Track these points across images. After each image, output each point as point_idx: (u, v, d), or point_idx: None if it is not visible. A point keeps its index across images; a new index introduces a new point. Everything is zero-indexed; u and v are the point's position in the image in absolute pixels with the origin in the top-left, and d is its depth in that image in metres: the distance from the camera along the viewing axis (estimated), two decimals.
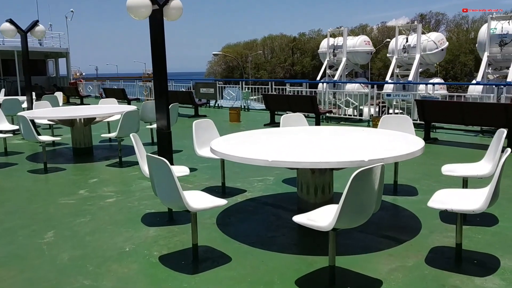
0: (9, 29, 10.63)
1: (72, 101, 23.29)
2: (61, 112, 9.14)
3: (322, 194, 4.82)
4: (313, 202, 4.80)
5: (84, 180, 7.06)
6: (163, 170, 3.65)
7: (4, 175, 7.69)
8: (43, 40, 31.70)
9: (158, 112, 7.04)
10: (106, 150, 9.49)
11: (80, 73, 71.80)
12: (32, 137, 7.42)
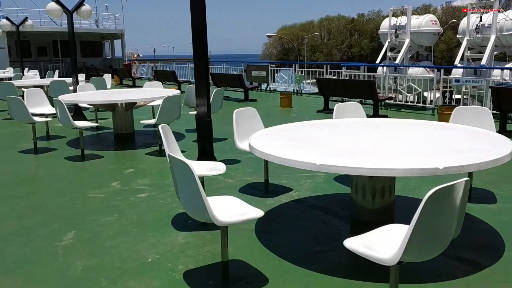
0: (55, 9, 10.35)
1: (125, 83, 23.32)
2: (101, 96, 8.75)
3: (381, 198, 4.02)
4: (370, 208, 4.02)
5: (119, 170, 6.59)
6: (185, 174, 2.99)
7: (41, 162, 7.39)
8: (99, 22, 32.16)
9: (198, 98, 6.42)
10: (149, 136, 9.05)
11: (137, 54, 73.05)
12: (68, 122, 7.03)
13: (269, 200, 5.12)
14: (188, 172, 2.93)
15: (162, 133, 4.21)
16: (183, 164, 2.95)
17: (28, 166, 7.01)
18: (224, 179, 5.94)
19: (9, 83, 11.89)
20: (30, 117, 7.55)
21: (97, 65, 30.22)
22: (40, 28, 28.38)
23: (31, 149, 7.93)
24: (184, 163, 2.94)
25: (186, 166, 2.93)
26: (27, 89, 9.15)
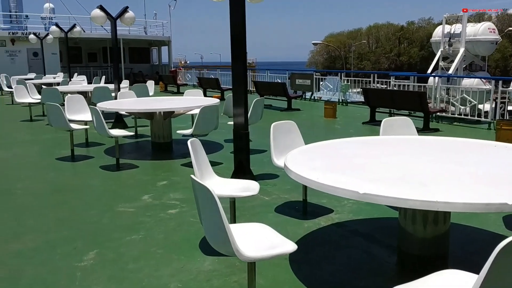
0: (99, 15, 10.35)
1: (170, 90, 23.46)
2: (139, 104, 8.59)
3: (434, 226, 3.52)
4: (421, 237, 3.53)
5: (152, 182, 6.34)
6: (206, 200, 2.63)
7: (76, 170, 7.28)
8: (148, 29, 32.72)
9: (235, 107, 6.10)
10: (186, 146, 8.78)
11: (184, 61, 74.30)
12: (103, 131, 6.87)
13: (307, 222, 4.70)
14: (209, 198, 2.58)
15: (191, 148, 3.89)
16: (205, 189, 2.60)
17: (63, 175, 6.89)
18: (260, 195, 5.55)
19: (53, 88, 12.04)
20: (68, 124, 7.47)
21: (144, 71, 30.70)
22: (91, 35, 29.18)
23: (69, 156, 7.85)
24: (206, 188, 2.58)
25: (207, 191, 2.57)
26: (68, 95, 9.14)
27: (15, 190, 6.02)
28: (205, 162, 4.19)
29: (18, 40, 26.28)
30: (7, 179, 6.60)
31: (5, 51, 26.31)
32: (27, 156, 8.30)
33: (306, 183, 3.15)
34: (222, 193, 3.87)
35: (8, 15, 28.72)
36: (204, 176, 4.07)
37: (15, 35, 26.32)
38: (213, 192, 2.54)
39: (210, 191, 2.55)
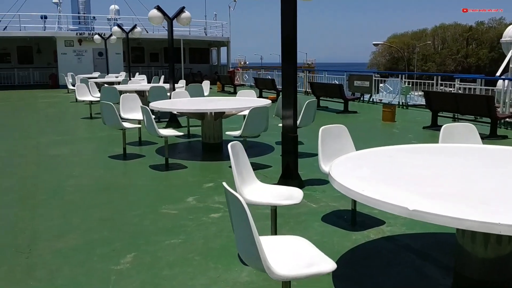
0: (156, 16, 10.47)
1: (227, 90, 23.56)
2: (191, 104, 8.55)
3: (497, 246, 3.12)
4: (481, 258, 3.15)
5: (199, 184, 6.24)
6: (237, 211, 2.43)
7: (126, 169, 7.33)
8: (208, 30, 33.14)
9: (284, 108, 5.88)
10: None
11: (244, 62, 74.81)
12: (153, 130, 6.87)
13: (355, 234, 4.39)
14: (239, 208, 2.37)
15: (231, 152, 3.70)
16: (235, 198, 2.39)
17: (113, 173, 6.96)
18: (307, 202, 5.31)
19: (112, 87, 12.34)
20: (120, 123, 7.55)
21: (203, 72, 31.12)
22: (153, 35, 29.94)
23: (121, 154, 7.94)
24: (235, 197, 2.38)
25: (237, 200, 2.37)
26: (123, 94, 9.28)
27: (66, 187, 6.12)
28: (246, 166, 3.99)
29: (85, 41, 27.43)
30: (61, 175, 6.74)
31: (73, 50, 27.54)
32: (82, 153, 8.50)
33: (349, 195, 2.87)
34: (261, 200, 3.66)
35: (76, 17, 30.08)
36: (245, 182, 3.88)
37: (82, 35, 27.49)
38: (243, 202, 2.33)
39: (239, 201, 2.35)
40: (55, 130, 11.32)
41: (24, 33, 27.51)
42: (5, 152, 8.57)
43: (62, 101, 18.75)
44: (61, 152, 8.43)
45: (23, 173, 6.89)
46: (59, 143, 9.36)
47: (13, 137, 10.21)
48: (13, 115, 14.62)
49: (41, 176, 6.77)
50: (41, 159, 7.98)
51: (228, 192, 2.51)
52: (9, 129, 11.73)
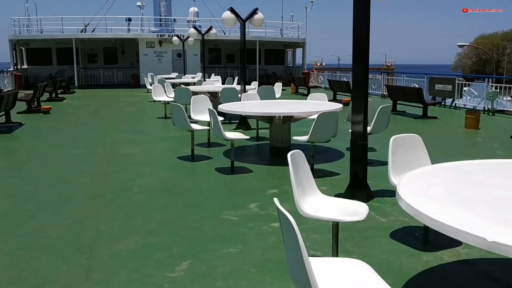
0: (229, 17, 10.48)
1: (300, 92, 23.31)
2: (259, 107, 8.42)
3: None
4: None
5: (263, 189, 6.09)
6: (287, 231, 2.22)
7: (192, 171, 7.35)
8: (283, 31, 33.06)
9: (354, 113, 5.56)
10: (306, 152, 8.33)
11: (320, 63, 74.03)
12: (219, 133, 6.82)
13: (427, 255, 4.00)
14: (290, 229, 2.16)
15: (291, 161, 3.49)
16: (284, 217, 2.19)
17: (179, 175, 6.99)
18: (376, 215, 4.97)
19: (185, 88, 12.57)
20: (189, 124, 7.59)
21: (278, 73, 31.09)
22: (229, 37, 30.37)
23: (189, 156, 7.99)
24: (287, 218, 2.17)
25: (288, 222, 2.16)
26: (193, 96, 9.37)
27: (133, 187, 6.22)
28: (308, 176, 3.75)
29: (164, 42, 28.41)
30: (130, 175, 6.88)
31: (154, 52, 28.64)
32: (153, 152, 8.68)
33: (418, 217, 2.55)
34: (322, 215, 3.41)
35: (158, 19, 31.26)
36: (305, 193, 3.65)
37: (162, 37, 28.50)
38: (293, 223, 2.12)
39: (290, 222, 2.14)
40: (131, 129, 11.72)
41: (110, 35, 29.05)
42: (84, 149, 8.95)
43: (141, 100, 19.50)
44: (133, 151, 8.66)
45: (96, 171, 7.12)
46: (133, 142, 9.64)
47: (92, 135, 10.68)
48: (95, 114, 15.40)
49: (112, 175, 6.96)
50: (114, 157, 8.24)
51: (279, 210, 2.31)
52: (90, 127, 12.33)
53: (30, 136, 10.95)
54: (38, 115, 14.50)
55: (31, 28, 29.71)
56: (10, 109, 12.32)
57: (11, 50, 27.16)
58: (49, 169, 7.36)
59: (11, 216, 5.11)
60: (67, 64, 28.69)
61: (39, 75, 29.52)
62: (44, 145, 9.69)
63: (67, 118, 14.36)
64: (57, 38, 28.54)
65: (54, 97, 20.28)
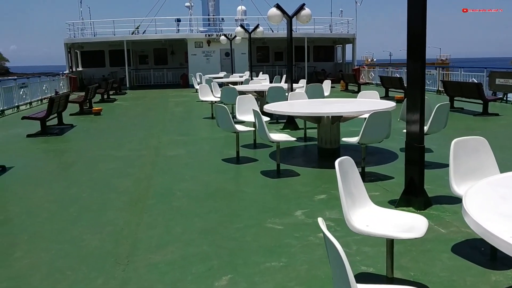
0: (275, 14, 10.17)
1: (350, 89, 22.65)
2: (306, 107, 8.06)
3: None
4: None
5: (310, 195, 5.74)
6: (333, 255, 1.90)
7: (236, 173, 7.11)
8: (333, 27, 32.36)
9: (409, 112, 5.12)
10: (357, 154, 7.89)
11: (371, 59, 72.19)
12: (264, 134, 6.53)
13: (495, 274, 3.53)
14: (336, 255, 1.83)
15: (339, 170, 3.15)
16: (332, 246, 1.86)
17: (223, 178, 6.76)
18: (434, 226, 4.52)
19: (232, 88, 12.38)
20: (233, 126, 7.35)
21: (328, 70, 30.46)
22: (277, 35, 30.04)
23: (234, 158, 7.77)
24: (334, 246, 1.84)
25: (335, 249, 1.83)
26: (239, 96, 9.14)
27: (175, 191, 6.05)
28: (358, 185, 3.39)
29: (213, 42, 28.49)
30: (173, 178, 6.73)
31: (202, 51, 28.80)
32: (197, 154, 8.52)
33: (490, 240, 2.15)
34: (375, 230, 3.05)
35: (206, 19, 31.42)
36: (355, 204, 3.30)
37: (210, 36, 28.59)
38: (340, 251, 1.79)
39: (337, 250, 1.81)
40: (177, 130, 11.67)
41: (159, 36, 29.47)
42: (129, 151, 8.93)
43: (189, 100, 19.56)
44: (178, 153, 8.54)
45: (139, 174, 7.02)
46: (178, 143, 9.54)
47: (139, 137, 10.70)
48: (143, 114, 15.55)
49: (155, 178, 6.84)
50: (159, 159, 8.14)
51: (325, 236, 1.99)
52: (137, 128, 12.40)
53: (79, 137, 11.12)
54: (89, 116, 14.79)
55: (85, 31, 30.66)
56: (62, 111, 12.60)
57: (66, 53, 28.11)
58: (94, 172, 7.34)
59: (54, 222, 5.05)
60: (120, 65, 29.37)
61: (93, 77, 30.44)
62: (91, 146, 9.77)
63: (116, 119, 14.56)
64: (109, 41, 29.28)
65: (106, 98, 20.75)
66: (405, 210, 5.06)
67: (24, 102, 18.13)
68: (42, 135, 10.96)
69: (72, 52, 29.88)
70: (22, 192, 6.37)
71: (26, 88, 18.63)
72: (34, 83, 19.82)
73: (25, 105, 18.06)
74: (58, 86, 23.64)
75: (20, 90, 18.00)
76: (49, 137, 10.78)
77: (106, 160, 8.15)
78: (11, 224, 5.04)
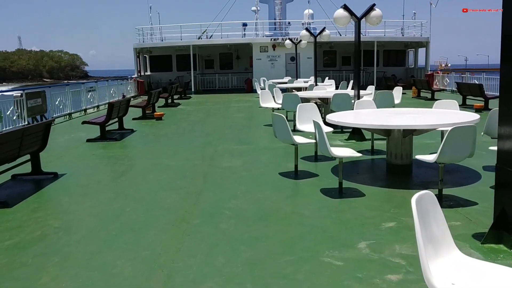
0: (343, 16, 9.40)
1: (423, 95, 21.20)
2: (375, 117, 7.21)
3: None
4: None
5: (377, 222, 4.95)
6: None
7: (293, 191, 6.44)
8: (404, 30, 30.81)
9: (502, 126, 4.23)
10: (432, 171, 6.96)
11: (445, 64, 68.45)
12: (325, 149, 5.81)
13: None
14: None
15: (416, 210, 2.41)
16: None
17: (278, 196, 6.11)
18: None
19: (294, 94, 11.71)
20: (291, 137, 6.69)
21: (398, 75, 28.97)
22: (345, 38, 29.00)
23: (292, 172, 7.11)
24: None
25: None
26: (299, 104, 8.45)
27: (224, 210, 5.48)
28: (441, 228, 2.63)
29: (278, 46, 27.96)
30: (224, 194, 6.18)
31: (267, 56, 28.35)
32: (253, 166, 7.93)
33: None
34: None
35: (272, 23, 30.97)
36: (438, 253, 2.54)
37: (275, 41, 28.08)
38: None
39: None
40: (235, 138, 11.18)
41: (225, 40, 29.38)
42: (183, 160, 8.53)
43: (252, 106, 19.10)
44: (233, 164, 8.01)
45: (189, 188, 6.54)
46: (234, 153, 9.02)
47: (196, 144, 10.31)
48: (204, 120, 15.23)
49: (205, 192, 6.31)
50: (212, 171, 7.64)
51: None
52: (196, 134, 12.05)
53: (136, 144, 10.93)
54: (151, 121, 14.71)
55: (154, 36, 31.25)
56: (123, 116, 12.54)
57: (135, 57, 28.74)
58: (144, 182, 6.96)
59: (90, 241, 4.65)
60: (186, 70, 29.61)
61: (161, 81, 30.94)
62: (147, 154, 9.49)
63: (177, 124, 14.34)
64: (176, 45, 29.61)
65: (170, 103, 20.80)
66: (494, 248, 4.18)
67: (91, 106, 18.52)
68: (101, 140, 10.89)
69: (141, 57, 30.54)
70: (67, 203, 6.09)
71: (94, 91, 19.05)
72: (102, 87, 20.26)
73: (92, 109, 18.45)
74: (125, 90, 24.11)
75: (87, 94, 18.42)
76: (107, 143, 10.68)
77: (158, 169, 7.78)
78: (46, 241, 4.69)
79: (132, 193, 6.38)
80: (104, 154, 9.55)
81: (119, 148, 10.12)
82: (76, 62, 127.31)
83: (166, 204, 5.75)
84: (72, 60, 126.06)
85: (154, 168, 7.88)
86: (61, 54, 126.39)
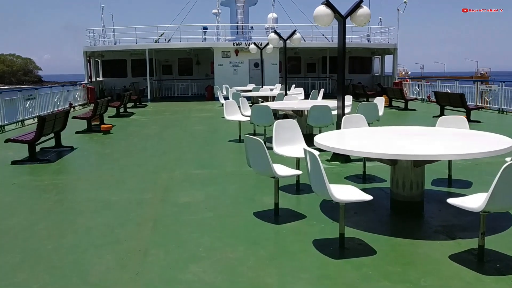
0: (324, 14, 7.84)
1: (395, 105, 20.01)
2: (372, 142, 5.61)
3: None
4: None
5: None
6: None
7: (274, 244, 4.74)
8: (371, 36, 29.89)
9: None
10: (446, 208, 5.38)
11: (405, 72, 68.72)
12: (324, 191, 4.15)
13: None
14: None
15: None
16: None
17: (256, 256, 4.38)
18: None
19: (265, 106, 10.04)
20: (272, 169, 4.98)
21: (364, 83, 27.89)
22: (311, 44, 27.74)
23: (271, 210, 5.44)
24: None
25: None
26: (277, 121, 6.75)
27: (179, 284, 3.71)
28: None
29: (241, 51, 26.33)
30: (179, 254, 4.42)
31: (229, 61, 26.64)
32: (219, 202, 6.17)
33: None
34: None
35: (235, 27, 29.31)
36: None
37: (238, 45, 26.43)
38: None
39: None
40: (196, 158, 9.36)
41: (184, 44, 27.46)
42: (129, 192, 6.70)
43: (214, 116, 17.31)
44: (193, 199, 6.24)
45: (130, 242, 4.70)
46: (195, 181, 7.24)
47: (147, 168, 8.46)
48: (159, 134, 13.29)
49: (153, 251, 4.48)
50: (165, 211, 5.83)
51: None
52: (148, 153, 10.12)
53: (73, 167, 8.98)
54: (97, 135, 12.70)
55: (106, 39, 28.91)
56: (61, 130, 10.50)
57: (85, 62, 26.34)
58: (69, 233, 5.08)
59: None
60: (142, 76, 27.51)
61: (114, 88, 28.68)
62: (83, 183, 7.57)
63: (126, 140, 12.34)
64: (131, 49, 27.48)
65: (122, 112, 18.76)
66: None
67: (30, 116, 16.24)
68: (30, 161, 8.87)
69: (92, 61, 28.17)
70: None
71: (34, 100, 16.75)
72: (43, 95, 17.94)
73: (32, 119, 16.14)
74: (73, 97, 21.82)
75: (26, 103, 16.13)
76: (37, 165, 8.68)
77: (94, 208, 5.91)
78: None
79: (47, 254, 4.47)
80: (29, 183, 7.55)
81: (50, 173, 8.11)
82: (29, 66, 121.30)
83: (92, 278, 3.91)
84: (25, 64, 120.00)
85: (89, 207, 5.99)
86: (13, 58, 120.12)
